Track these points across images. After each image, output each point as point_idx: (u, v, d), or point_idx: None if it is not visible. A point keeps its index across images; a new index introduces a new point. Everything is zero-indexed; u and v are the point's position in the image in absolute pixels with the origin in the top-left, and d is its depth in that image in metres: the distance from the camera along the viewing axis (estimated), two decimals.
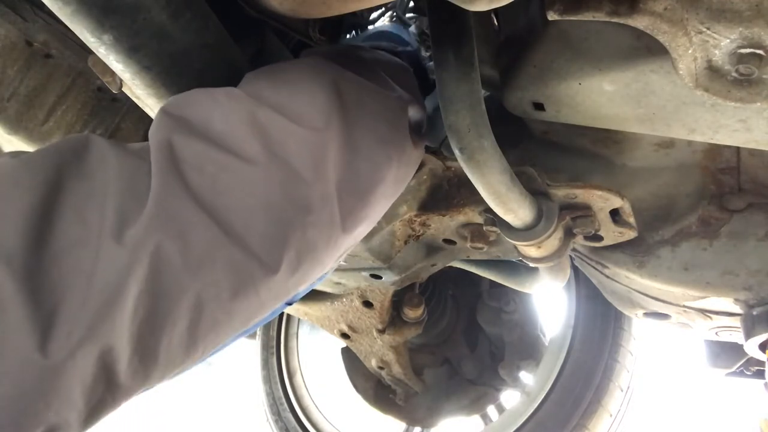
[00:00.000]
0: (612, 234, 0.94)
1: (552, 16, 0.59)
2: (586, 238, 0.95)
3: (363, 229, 0.73)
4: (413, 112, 0.83)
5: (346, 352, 1.81)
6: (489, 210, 0.87)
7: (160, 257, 0.52)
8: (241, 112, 0.62)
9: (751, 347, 0.87)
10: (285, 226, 0.60)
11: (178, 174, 0.57)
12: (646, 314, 1.07)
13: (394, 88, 0.81)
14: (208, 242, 0.55)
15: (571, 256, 1.13)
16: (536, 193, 0.88)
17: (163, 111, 0.62)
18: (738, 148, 0.89)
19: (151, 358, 0.52)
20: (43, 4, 0.58)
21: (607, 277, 1.04)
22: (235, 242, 0.56)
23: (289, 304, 0.80)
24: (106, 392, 0.50)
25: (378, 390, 1.84)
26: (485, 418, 1.90)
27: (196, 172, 0.57)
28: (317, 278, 0.70)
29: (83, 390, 0.48)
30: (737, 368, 1.10)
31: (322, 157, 0.64)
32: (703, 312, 0.94)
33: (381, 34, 1.29)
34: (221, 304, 0.55)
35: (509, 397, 1.81)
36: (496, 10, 0.95)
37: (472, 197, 0.98)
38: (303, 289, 0.72)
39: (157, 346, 0.52)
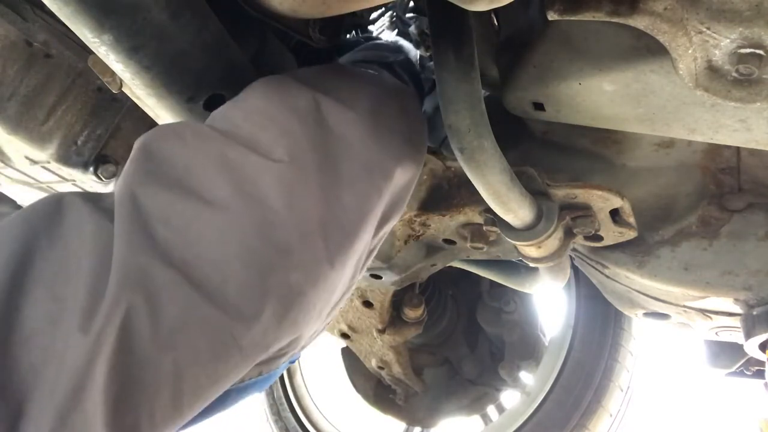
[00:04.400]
0: (612, 234, 0.94)
1: (552, 16, 0.59)
2: (586, 238, 0.95)
3: (355, 263, 0.69)
4: (410, 125, 0.79)
5: (346, 352, 1.81)
6: (489, 210, 0.87)
7: (128, 328, 0.48)
8: (209, 153, 0.58)
9: (751, 347, 0.87)
10: (265, 272, 0.55)
11: (143, 230, 0.53)
12: (646, 314, 1.07)
13: (383, 111, 0.76)
14: (181, 303, 0.51)
15: (571, 256, 1.13)
16: (536, 193, 0.88)
17: (131, 159, 0.59)
18: (738, 148, 0.89)
19: None
20: (43, 4, 0.58)
21: (607, 277, 1.04)
22: (211, 299, 0.52)
23: (292, 362, 0.75)
24: None
25: (378, 390, 1.84)
26: (485, 418, 1.91)
27: (162, 225, 0.53)
28: (317, 322, 0.66)
29: None
30: (737, 368, 1.10)
31: (300, 193, 0.60)
32: (703, 312, 0.94)
33: (367, 47, 1.23)
34: (203, 368, 0.52)
35: (509, 397, 1.81)
36: (496, 10, 0.95)
37: (472, 197, 0.98)
38: (306, 339, 0.68)
39: (139, 424, 0.48)
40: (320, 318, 0.66)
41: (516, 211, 0.83)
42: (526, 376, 1.73)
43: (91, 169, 0.98)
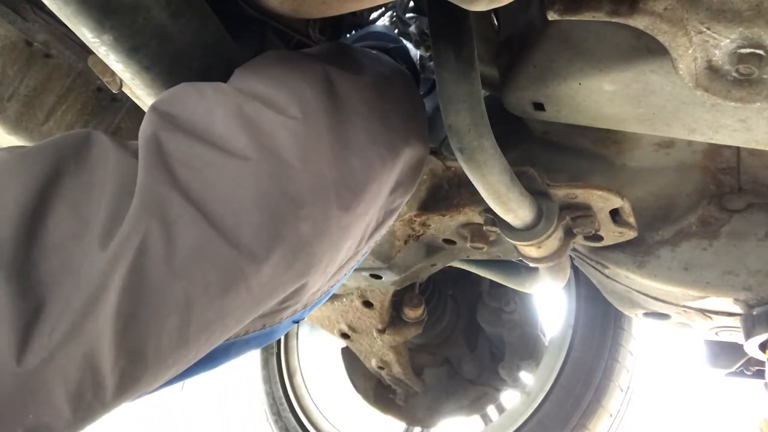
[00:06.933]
0: (612, 234, 0.94)
1: (552, 16, 0.59)
2: (586, 238, 0.95)
3: (362, 230, 0.71)
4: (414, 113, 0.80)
5: (346, 352, 1.81)
6: (489, 210, 0.87)
7: (144, 250, 0.50)
8: (228, 105, 0.61)
9: (751, 347, 0.87)
10: (277, 219, 0.58)
11: (165, 168, 0.55)
12: (646, 314, 1.07)
13: (387, 87, 0.78)
14: (195, 236, 0.53)
15: (571, 256, 1.13)
16: (536, 193, 0.88)
17: (152, 107, 0.61)
18: (738, 148, 0.89)
19: (138, 358, 0.50)
20: (43, 4, 0.58)
21: (607, 277, 1.04)
22: (224, 236, 0.54)
23: (296, 322, 0.77)
24: (94, 397, 0.48)
25: (378, 390, 1.84)
26: (485, 418, 1.91)
27: (183, 166, 0.56)
28: (322, 279, 0.68)
29: (67, 393, 0.46)
30: (737, 368, 1.10)
31: (313, 150, 0.62)
32: (703, 312, 0.94)
33: (368, 35, 1.26)
34: (211, 301, 0.53)
35: (509, 397, 1.81)
36: (496, 10, 0.95)
37: (472, 197, 0.98)
38: (309, 296, 0.70)
39: (145, 345, 0.50)
40: (325, 275, 0.68)
41: (516, 211, 0.83)
42: (526, 376, 1.73)
43: None
